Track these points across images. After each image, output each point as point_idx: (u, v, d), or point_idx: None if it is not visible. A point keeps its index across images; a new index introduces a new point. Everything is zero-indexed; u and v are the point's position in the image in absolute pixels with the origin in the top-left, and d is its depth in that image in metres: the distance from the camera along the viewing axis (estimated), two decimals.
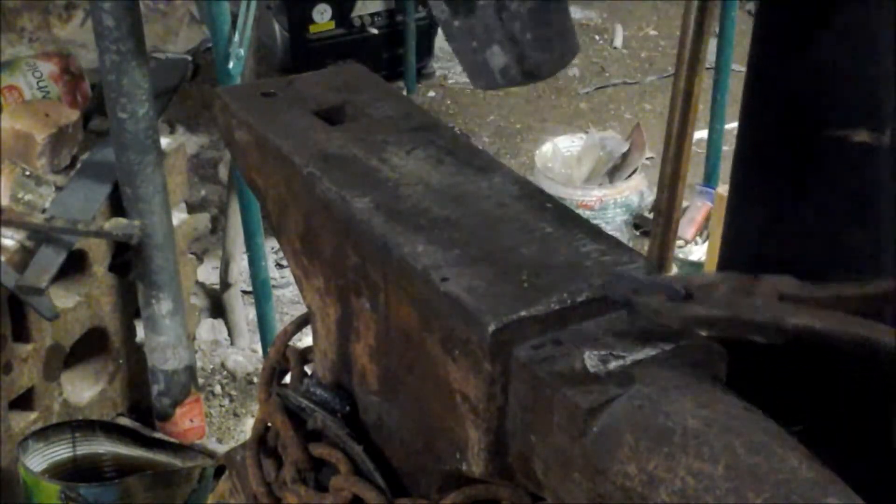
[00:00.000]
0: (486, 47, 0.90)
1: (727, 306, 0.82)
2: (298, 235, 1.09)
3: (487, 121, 4.29)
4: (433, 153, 1.08)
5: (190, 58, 4.06)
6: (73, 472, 2.36)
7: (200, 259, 3.35)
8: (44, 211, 2.34)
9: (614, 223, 3.45)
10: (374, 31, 4.16)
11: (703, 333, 0.84)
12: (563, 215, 0.99)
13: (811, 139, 1.12)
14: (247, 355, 3.08)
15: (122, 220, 2.37)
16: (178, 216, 2.60)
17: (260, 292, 2.76)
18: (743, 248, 1.22)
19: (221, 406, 2.93)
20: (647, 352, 0.85)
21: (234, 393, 2.97)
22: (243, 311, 3.14)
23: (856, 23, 1.08)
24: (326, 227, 1.04)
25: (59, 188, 2.40)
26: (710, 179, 3.47)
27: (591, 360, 0.84)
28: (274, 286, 3.05)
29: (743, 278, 0.82)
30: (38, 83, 2.64)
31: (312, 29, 4.07)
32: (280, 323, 2.92)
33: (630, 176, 3.53)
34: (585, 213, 3.30)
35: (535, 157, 3.65)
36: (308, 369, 1.18)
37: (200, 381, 2.80)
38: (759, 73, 1.21)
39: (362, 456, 1.04)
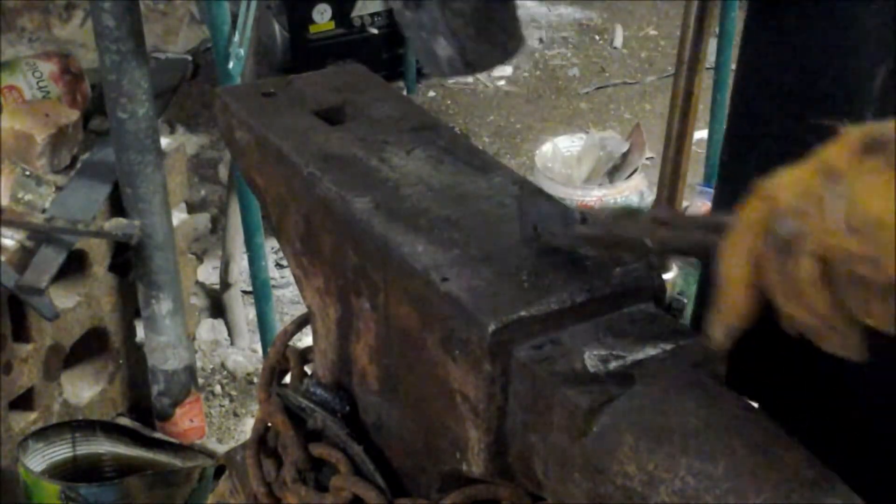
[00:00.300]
0: (433, 38, 0.94)
1: (606, 227, 0.91)
2: (298, 235, 1.09)
3: (487, 121, 4.29)
4: (433, 153, 1.08)
5: (190, 58, 4.06)
6: (73, 472, 2.35)
7: (200, 259, 3.35)
8: (44, 211, 2.34)
9: None
10: (374, 31, 4.16)
11: (590, 252, 0.92)
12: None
13: (795, 129, 1.13)
14: (247, 355, 3.08)
15: (122, 220, 2.37)
16: (178, 216, 2.60)
17: (260, 292, 2.76)
18: None
19: (221, 406, 2.93)
20: (647, 352, 0.85)
21: (234, 393, 2.97)
22: (243, 311, 3.14)
23: (839, 16, 1.09)
24: (326, 227, 1.04)
25: (59, 188, 2.40)
26: (710, 179, 3.47)
27: (591, 360, 0.84)
28: (274, 286, 3.05)
29: (633, 209, 0.88)
30: (38, 83, 2.64)
31: (312, 29, 4.07)
32: (280, 323, 2.92)
33: (630, 176, 3.53)
34: None
35: (535, 157, 3.64)
36: (308, 369, 1.18)
37: (200, 381, 2.80)
38: (747, 65, 1.23)
39: (362, 456, 1.04)
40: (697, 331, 0.90)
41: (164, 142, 2.47)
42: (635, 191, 3.50)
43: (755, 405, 0.86)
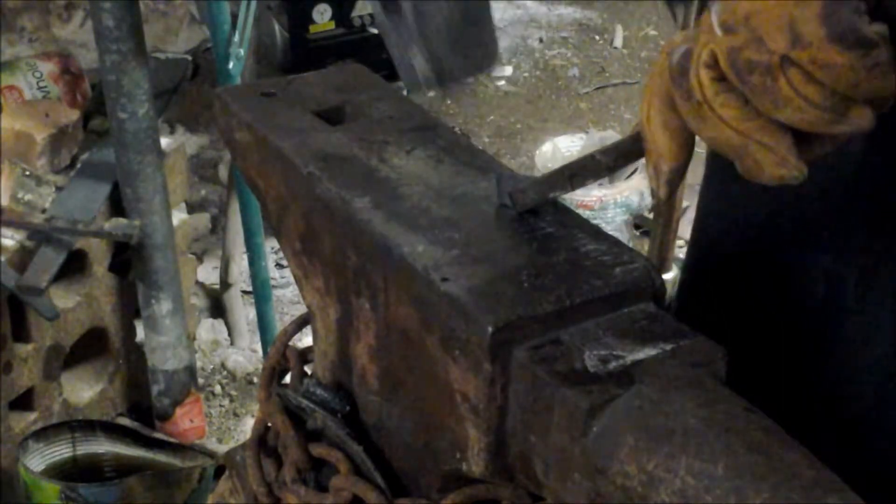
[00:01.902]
0: (408, 48, 0.96)
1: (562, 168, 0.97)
2: (298, 235, 1.09)
3: (487, 121, 4.29)
4: (433, 153, 1.08)
5: (190, 58, 4.06)
6: (73, 472, 2.36)
7: (200, 259, 3.35)
8: (44, 211, 2.34)
9: (614, 223, 3.45)
10: (374, 31, 4.15)
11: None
12: (564, 215, 0.99)
13: None
14: (247, 355, 3.08)
15: (122, 220, 2.37)
16: (178, 216, 2.60)
17: (260, 292, 2.76)
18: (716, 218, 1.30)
19: (221, 406, 2.93)
20: (647, 352, 0.85)
21: (234, 393, 2.97)
22: (243, 311, 3.14)
23: None
24: (326, 227, 1.04)
25: (59, 188, 2.40)
26: None
27: (591, 360, 0.84)
28: (274, 286, 3.05)
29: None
30: (38, 83, 2.64)
31: (312, 29, 4.07)
32: (280, 323, 2.92)
33: (630, 176, 3.52)
34: (585, 213, 3.30)
35: (535, 157, 3.64)
36: (308, 369, 1.18)
37: (200, 381, 2.80)
38: None
39: (362, 456, 1.04)
40: (688, 324, 0.91)
41: (164, 142, 2.47)
42: (635, 191, 3.50)
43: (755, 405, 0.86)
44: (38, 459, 2.31)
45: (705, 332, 0.88)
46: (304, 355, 1.19)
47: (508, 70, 4.52)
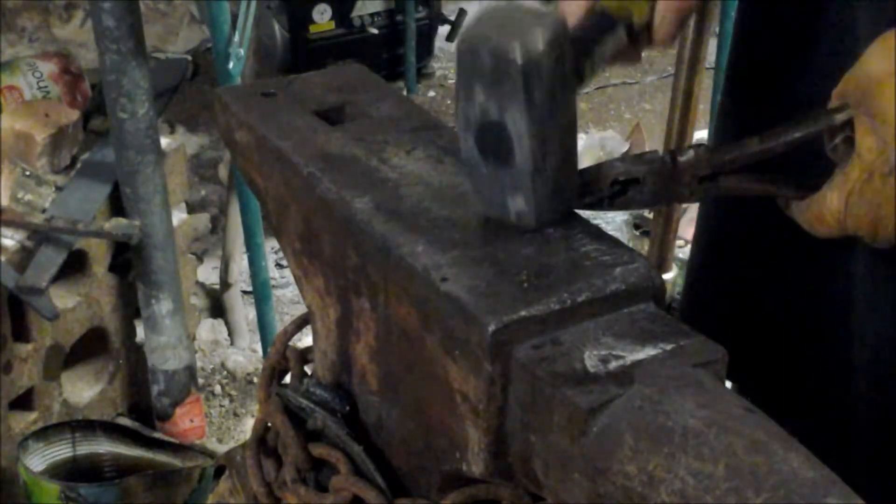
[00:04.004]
0: (510, 195, 0.94)
1: None
2: (298, 235, 1.09)
3: None
4: (433, 153, 1.08)
5: (190, 58, 4.06)
6: (73, 472, 2.35)
7: (200, 259, 3.35)
8: (44, 211, 2.34)
9: (614, 223, 3.45)
10: (374, 31, 4.16)
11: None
12: (564, 215, 0.99)
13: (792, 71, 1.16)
14: (247, 355, 3.08)
15: (122, 220, 2.37)
16: (178, 216, 2.60)
17: (260, 292, 2.76)
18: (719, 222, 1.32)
19: (221, 406, 2.94)
20: (647, 352, 0.85)
21: (234, 393, 2.97)
22: (243, 311, 3.14)
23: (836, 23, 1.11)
24: (326, 227, 1.04)
25: (59, 188, 2.40)
26: None
27: (591, 360, 0.84)
28: (274, 286, 3.05)
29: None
30: (38, 83, 2.64)
31: (312, 29, 4.07)
32: (280, 323, 2.92)
33: None
34: (585, 213, 3.29)
35: None
36: (308, 369, 1.18)
37: (200, 381, 2.81)
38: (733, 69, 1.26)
39: (362, 456, 1.04)
40: (689, 321, 0.91)
41: (164, 142, 2.47)
42: None
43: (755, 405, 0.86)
44: (38, 459, 2.31)
45: (710, 330, 0.88)
46: (304, 355, 1.19)
47: None
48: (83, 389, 2.59)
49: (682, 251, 3.34)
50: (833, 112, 0.94)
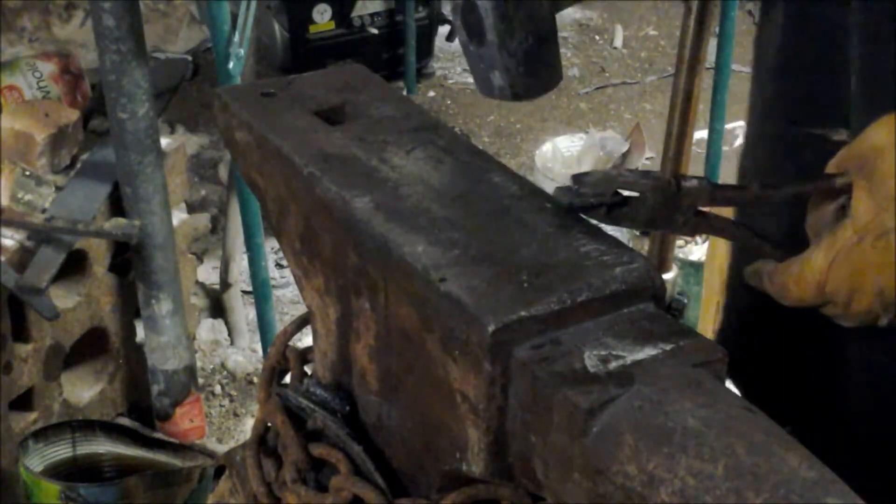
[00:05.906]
0: (490, 71, 1.08)
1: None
2: (298, 235, 1.09)
3: (487, 121, 4.29)
4: (433, 153, 1.08)
5: (190, 58, 4.06)
6: (73, 472, 2.36)
7: (200, 259, 3.35)
8: (44, 211, 2.34)
9: None
10: (374, 31, 4.16)
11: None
12: (564, 215, 0.99)
13: (793, 137, 1.17)
14: (247, 355, 3.08)
15: (122, 220, 2.37)
16: (178, 216, 2.60)
17: (260, 292, 2.76)
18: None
19: (221, 406, 2.94)
20: (647, 352, 0.85)
21: (234, 393, 2.97)
22: (243, 311, 3.14)
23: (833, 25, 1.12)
24: (326, 227, 1.04)
25: (59, 188, 2.40)
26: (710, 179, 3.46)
27: (591, 360, 0.84)
28: (274, 286, 3.05)
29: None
30: (38, 83, 2.64)
31: (312, 29, 4.07)
32: (280, 323, 2.92)
33: None
34: None
35: (535, 157, 3.65)
36: (308, 369, 1.18)
37: (200, 381, 2.80)
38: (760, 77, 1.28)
39: (362, 456, 1.04)
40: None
41: (164, 142, 2.47)
42: None
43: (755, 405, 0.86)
44: (38, 459, 2.31)
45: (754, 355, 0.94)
46: (304, 355, 1.19)
47: None
48: (83, 389, 2.59)
49: (682, 251, 3.35)
50: (832, 176, 0.98)
